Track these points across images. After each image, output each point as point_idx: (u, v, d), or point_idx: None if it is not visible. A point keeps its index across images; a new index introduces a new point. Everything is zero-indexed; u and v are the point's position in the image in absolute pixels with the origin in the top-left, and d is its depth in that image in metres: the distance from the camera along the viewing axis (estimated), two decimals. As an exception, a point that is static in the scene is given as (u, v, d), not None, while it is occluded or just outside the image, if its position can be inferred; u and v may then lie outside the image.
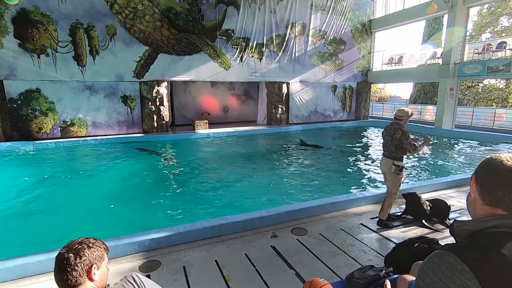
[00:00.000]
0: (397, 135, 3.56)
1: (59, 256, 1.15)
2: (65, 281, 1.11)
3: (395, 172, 3.61)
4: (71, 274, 1.11)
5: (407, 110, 3.68)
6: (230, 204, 5.48)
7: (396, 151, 3.62)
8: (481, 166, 0.99)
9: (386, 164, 3.73)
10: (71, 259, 1.13)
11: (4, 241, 4.15)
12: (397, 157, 3.63)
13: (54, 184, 6.83)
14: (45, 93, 11.20)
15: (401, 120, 3.64)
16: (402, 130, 3.57)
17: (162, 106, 13.03)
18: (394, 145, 3.60)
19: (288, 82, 15.52)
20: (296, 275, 2.81)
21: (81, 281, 1.13)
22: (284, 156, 9.55)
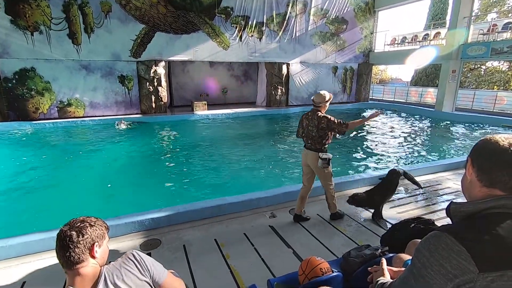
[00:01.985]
0: (323, 125, 3.17)
1: (61, 233, 1.15)
2: (67, 257, 1.12)
3: (322, 167, 3.23)
4: (73, 251, 1.12)
5: (324, 94, 3.29)
6: (229, 185, 5.53)
7: (321, 143, 3.25)
8: (476, 148, 0.98)
9: (311, 158, 3.31)
10: (74, 236, 1.13)
11: (5, 219, 4.21)
12: (322, 149, 3.27)
13: (53, 164, 6.84)
14: (40, 72, 10.98)
15: (320, 106, 3.26)
16: (327, 117, 3.18)
17: (160, 87, 12.84)
18: (320, 136, 3.22)
19: (288, 63, 15.23)
20: (294, 253, 2.88)
21: (83, 258, 1.14)
22: (283, 138, 9.55)
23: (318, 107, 3.27)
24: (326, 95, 3.29)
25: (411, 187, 4.63)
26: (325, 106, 3.28)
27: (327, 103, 3.28)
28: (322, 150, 3.27)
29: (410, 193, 4.44)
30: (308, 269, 1.86)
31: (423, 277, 0.93)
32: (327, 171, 3.30)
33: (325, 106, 3.28)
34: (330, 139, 3.29)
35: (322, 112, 3.26)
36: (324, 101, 3.25)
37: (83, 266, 1.15)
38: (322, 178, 3.36)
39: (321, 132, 3.21)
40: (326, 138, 3.25)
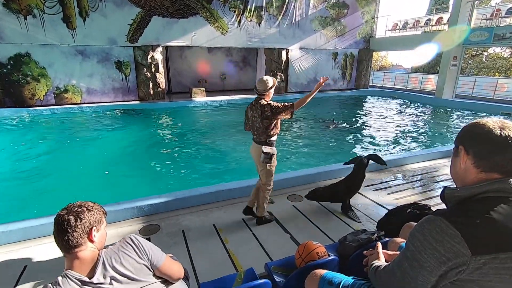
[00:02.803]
0: (267, 113, 2.84)
1: (58, 218, 1.15)
2: (66, 241, 1.12)
3: (264, 162, 2.96)
4: (72, 235, 1.13)
5: (267, 80, 2.89)
6: (228, 171, 5.55)
7: (266, 134, 2.92)
8: (468, 136, 0.98)
9: (255, 152, 3.05)
10: (72, 221, 1.14)
11: (4, 205, 4.24)
12: (266, 142, 2.94)
13: (51, 150, 6.83)
14: (35, 57, 10.78)
15: (264, 94, 2.92)
16: (270, 104, 2.87)
17: (158, 73, 12.67)
18: (265, 126, 2.89)
19: (287, 49, 14.99)
20: (291, 238, 2.92)
21: (82, 242, 1.15)
22: (281, 125, 9.50)
23: (262, 95, 2.92)
24: (269, 81, 2.90)
25: (408, 174, 4.67)
26: (269, 93, 2.94)
27: (271, 90, 2.92)
28: (267, 143, 2.95)
29: (407, 179, 4.48)
30: (305, 253, 1.89)
31: (416, 261, 0.94)
32: (269, 168, 3.00)
33: (269, 94, 2.94)
34: (277, 129, 2.96)
35: (266, 100, 2.92)
36: (267, 88, 2.88)
37: (82, 250, 1.16)
38: (262, 174, 3.07)
39: (265, 122, 2.88)
40: (271, 127, 2.91)
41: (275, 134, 2.97)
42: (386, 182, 4.34)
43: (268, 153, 2.92)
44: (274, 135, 2.97)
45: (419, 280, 0.94)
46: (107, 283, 1.14)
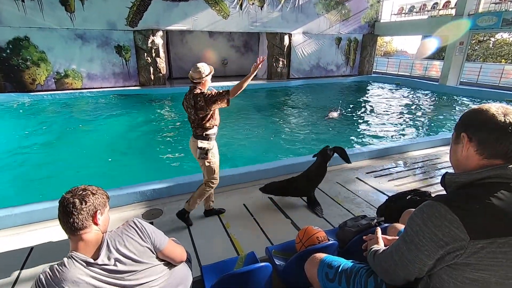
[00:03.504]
0: (200, 103, 2.58)
1: (64, 200, 1.16)
2: (71, 224, 1.14)
3: (199, 157, 2.72)
4: (77, 217, 1.14)
5: (202, 67, 2.62)
6: (229, 157, 5.57)
7: (201, 127, 2.69)
8: (472, 123, 0.96)
9: (192, 147, 2.80)
10: (77, 203, 1.16)
11: (8, 189, 4.30)
12: (203, 136, 2.70)
13: (53, 136, 6.86)
14: (34, 41, 10.64)
15: (199, 82, 2.64)
16: (202, 93, 2.59)
17: (159, 58, 12.51)
18: (200, 118, 2.66)
19: (290, 34, 14.70)
20: (292, 223, 2.96)
21: (87, 225, 1.17)
22: (283, 112, 9.46)
23: (197, 84, 2.65)
24: (205, 67, 2.63)
25: (410, 161, 4.67)
26: (206, 81, 2.66)
27: (207, 77, 2.65)
28: (204, 138, 2.70)
29: (408, 166, 4.48)
30: (305, 238, 1.92)
31: (414, 245, 0.96)
32: (208, 164, 2.75)
33: (205, 82, 2.66)
34: (214, 121, 2.72)
35: (201, 89, 2.64)
36: (202, 76, 2.61)
37: (86, 232, 1.18)
38: (203, 171, 2.84)
39: (200, 113, 2.62)
40: (207, 119, 2.66)
41: (212, 126, 2.72)
42: (387, 169, 4.35)
43: (203, 148, 2.66)
44: (211, 127, 2.71)
45: (416, 264, 0.96)
46: (111, 265, 1.17)
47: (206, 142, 2.69)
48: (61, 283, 1.06)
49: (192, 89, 2.66)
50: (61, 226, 1.18)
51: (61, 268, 1.09)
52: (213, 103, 2.59)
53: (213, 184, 2.86)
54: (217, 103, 2.61)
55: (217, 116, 2.78)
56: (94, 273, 1.13)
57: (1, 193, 4.20)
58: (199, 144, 2.67)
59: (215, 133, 2.78)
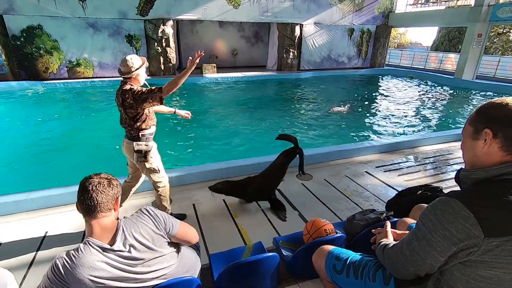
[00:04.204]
0: (129, 100, 2.28)
1: (90, 181, 1.17)
2: (95, 205, 1.15)
3: (138, 161, 2.48)
4: (105, 198, 1.17)
5: (131, 60, 2.31)
6: (237, 148, 5.59)
7: (134, 127, 2.41)
8: (496, 118, 0.91)
9: (126, 149, 2.56)
10: (105, 185, 1.18)
11: (22, 174, 4.43)
12: (138, 137, 2.44)
13: (66, 123, 7.00)
14: (47, 30, 10.77)
15: (129, 77, 2.34)
16: (132, 89, 2.29)
17: (169, 48, 12.50)
18: (131, 118, 2.37)
19: (301, 24, 14.43)
20: (300, 215, 2.97)
21: (109, 207, 1.20)
22: (292, 104, 9.39)
23: (127, 79, 2.34)
24: (135, 60, 2.33)
25: (421, 156, 4.59)
26: (138, 76, 2.37)
27: (139, 72, 2.35)
28: (139, 139, 2.43)
29: (419, 161, 4.41)
30: (313, 230, 1.92)
31: (427, 240, 0.94)
32: (149, 166, 2.52)
33: (137, 77, 2.36)
34: (150, 120, 2.46)
35: (132, 85, 2.34)
36: (131, 70, 2.30)
37: (107, 216, 1.20)
38: (146, 174, 2.62)
39: (130, 112, 2.33)
40: (139, 119, 2.38)
41: (148, 126, 2.44)
42: (397, 163, 4.29)
43: (140, 151, 2.42)
44: (147, 128, 2.44)
45: (428, 260, 0.95)
46: (126, 251, 1.19)
47: (144, 144, 2.43)
48: (78, 268, 1.09)
49: (121, 85, 2.34)
50: (82, 208, 1.17)
51: (77, 254, 1.11)
52: (144, 101, 2.27)
53: (162, 183, 2.65)
54: (148, 102, 2.28)
55: (152, 115, 2.49)
56: (109, 259, 1.15)
57: (16, 178, 4.33)
58: (136, 147, 2.41)
59: (152, 133, 2.52)
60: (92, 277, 1.11)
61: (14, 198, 2.96)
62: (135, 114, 2.35)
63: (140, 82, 2.41)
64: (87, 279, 1.10)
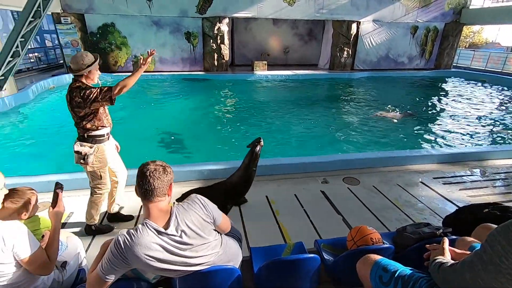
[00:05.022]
0: (76, 99, 2.16)
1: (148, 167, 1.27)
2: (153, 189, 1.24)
3: (76, 162, 2.35)
4: (161, 183, 1.27)
5: (81, 55, 2.20)
6: (283, 146, 5.58)
7: (81, 127, 2.29)
8: None
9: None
10: (161, 171, 1.28)
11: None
12: (84, 138, 2.32)
13: (129, 113, 7.71)
14: (119, 27, 11.95)
15: (80, 75, 2.21)
16: (80, 89, 2.17)
17: (223, 45, 12.94)
18: (78, 117, 2.26)
19: (358, 21, 13.75)
20: (343, 220, 2.87)
21: (165, 192, 1.30)
22: (343, 104, 9.03)
23: (78, 76, 2.22)
24: (86, 57, 2.20)
25: (490, 170, 4.07)
26: (90, 74, 2.26)
27: (91, 69, 2.23)
28: (85, 139, 2.32)
29: (487, 176, 3.91)
30: (358, 237, 1.84)
31: (494, 265, 0.85)
32: (90, 169, 2.37)
33: (89, 75, 2.25)
34: (98, 121, 2.32)
35: (83, 83, 2.23)
36: (82, 67, 2.18)
37: (163, 200, 1.30)
38: (88, 176, 2.46)
39: (77, 112, 2.22)
40: (87, 119, 2.26)
41: (96, 127, 2.32)
42: (459, 176, 3.87)
43: (79, 152, 2.29)
44: (95, 129, 2.31)
45: (494, 285, 0.85)
46: (177, 235, 1.28)
47: (88, 146, 2.31)
48: (136, 246, 1.20)
49: (71, 83, 2.25)
50: (141, 192, 1.27)
51: (136, 233, 1.23)
52: (93, 101, 2.18)
53: (100, 190, 2.48)
54: (97, 102, 2.19)
55: (102, 116, 2.35)
56: (163, 241, 1.25)
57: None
58: (75, 147, 2.30)
59: (103, 134, 2.39)
60: (147, 256, 1.22)
61: (80, 176, 3.34)
62: (83, 114, 2.25)
63: (93, 80, 2.30)
64: (143, 257, 1.21)
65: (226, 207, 2.82)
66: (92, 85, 2.28)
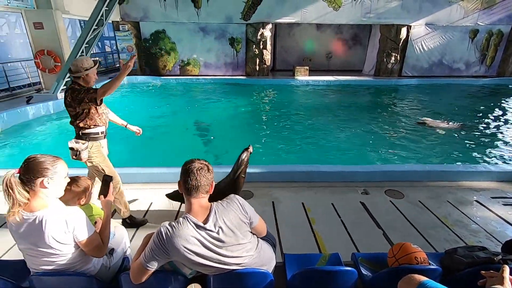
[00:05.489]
0: (68, 99, 2.40)
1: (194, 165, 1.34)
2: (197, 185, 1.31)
3: (72, 158, 2.49)
4: (205, 181, 1.34)
5: (80, 60, 2.40)
6: (322, 153, 5.44)
7: (76, 126, 2.50)
8: None
9: None
10: (205, 170, 1.35)
11: (139, 151, 5.36)
12: (79, 135, 2.51)
13: (174, 112, 8.17)
14: (169, 34, 12.76)
15: (77, 77, 2.41)
16: (73, 90, 2.38)
17: (265, 50, 13.09)
18: (72, 116, 2.48)
19: (409, 25, 12.97)
20: (384, 235, 2.70)
21: (208, 190, 1.37)
22: (388, 113, 8.55)
23: (76, 78, 2.43)
24: (85, 61, 2.42)
25: None
26: (89, 77, 2.44)
27: (88, 72, 2.41)
28: (79, 137, 2.50)
29: (560, 200, 3.41)
30: (400, 254, 1.72)
31: None
32: (90, 164, 2.56)
33: (86, 78, 2.43)
34: (90, 120, 2.48)
35: (79, 84, 2.44)
36: (80, 70, 2.38)
37: (204, 197, 1.37)
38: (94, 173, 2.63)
39: (70, 111, 2.45)
40: (79, 117, 2.46)
41: (89, 126, 2.49)
42: None
43: (72, 149, 2.45)
44: (87, 127, 2.49)
45: None
46: (215, 232, 1.33)
47: (81, 142, 2.49)
48: (176, 238, 1.27)
49: (70, 85, 2.48)
50: (186, 188, 1.34)
51: (177, 226, 1.30)
52: (81, 101, 2.37)
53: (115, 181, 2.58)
54: (84, 102, 2.37)
55: (94, 116, 2.50)
56: (201, 236, 1.31)
57: (134, 154, 5.28)
58: (69, 144, 2.48)
59: (98, 132, 2.55)
60: (185, 248, 1.27)
61: (130, 171, 3.63)
62: (75, 112, 2.45)
63: (89, 83, 2.49)
64: (182, 249, 1.27)
65: None
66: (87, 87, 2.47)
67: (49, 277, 1.43)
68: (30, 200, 1.32)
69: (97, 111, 2.52)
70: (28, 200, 1.31)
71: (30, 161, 1.32)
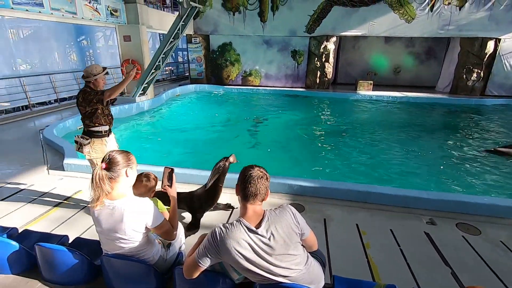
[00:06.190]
0: (79, 99, 2.77)
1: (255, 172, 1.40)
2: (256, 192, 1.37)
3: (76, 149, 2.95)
4: (263, 188, 1.39)
5: (91, 67, 2.77)
6: (379, 173, 5.07)
7: (84, 123, 2.87)
8: None
9: None
10: (264, 178, 1.40)
11: (200, 155, 5.71)
12: (85, 132, 2.89)
13: (234, 121, 8.52)
14: (234, 46, 13.51)
15: (88, 82, 2.77)
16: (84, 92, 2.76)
17: (327, 63, 12.89)
18: (82, 114, 2.85)
19: (498, 39, 11.41)
20: (452, 274, 2.37)
21: (263, 197, 1.42)
22: (466, 136, 7.57)
23: (88, 82, 2.79)
24: (94, 68, 2.76)
25: None
26: (97, 82, 2.78)
27: (96, 77, 2.75)
28: (86, 133, 2.88)
29: None
30: (473, 299, 1.49)
31: None
32: (88, 157, 2.93)
33: (95, 82, 2.78)
34: (97, 119, 2.83)
35: (92, 88, 2.80)
36: (90, 75, 2.74)
37: (259, 204, 1.41)
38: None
39: (81, 110, 2.82)
40: (88, 116, 2.82)
41: (94, 124, 2.84)
42: None
43: (76, 142, 2.89)
44: (93, 126, 2.85)
45: None
46: (266, 237, 1.34)
47: (85, 138, 2.87)
48: (228, 239, 1.32)
49: (83, 88, 2.84)
50: (244, 193, 1.40)
51: (231, 228, 1.35)
52: (90, 102, 2.75)
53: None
54: (93, 102, 2.76)
55: (100, 116, 2.84)
56: (251, 240, 1.33)
57: (195, 158, 5.65)
58: (75, 138, 2.91)
59: (101, 131, 2.89)
60: (236, 251, 1.31)
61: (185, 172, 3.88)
62: (84, 111, 2.82)
63: (98, 87, 2.83)
64: (233, 251, 1.31)
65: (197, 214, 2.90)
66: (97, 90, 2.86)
67: (117, 259, 1.61)
68: (112, 190, 1.51)
69: (103, 112, 2.89)
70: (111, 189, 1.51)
71: (113, 155, 1.52)
